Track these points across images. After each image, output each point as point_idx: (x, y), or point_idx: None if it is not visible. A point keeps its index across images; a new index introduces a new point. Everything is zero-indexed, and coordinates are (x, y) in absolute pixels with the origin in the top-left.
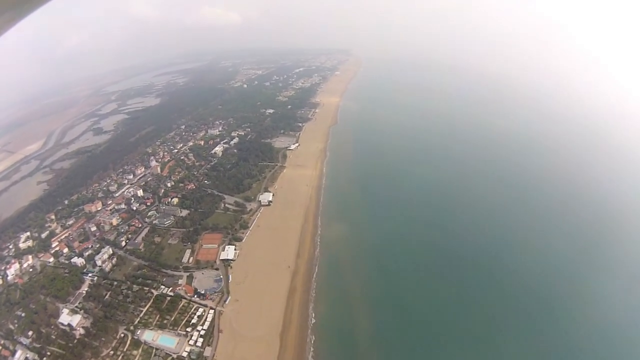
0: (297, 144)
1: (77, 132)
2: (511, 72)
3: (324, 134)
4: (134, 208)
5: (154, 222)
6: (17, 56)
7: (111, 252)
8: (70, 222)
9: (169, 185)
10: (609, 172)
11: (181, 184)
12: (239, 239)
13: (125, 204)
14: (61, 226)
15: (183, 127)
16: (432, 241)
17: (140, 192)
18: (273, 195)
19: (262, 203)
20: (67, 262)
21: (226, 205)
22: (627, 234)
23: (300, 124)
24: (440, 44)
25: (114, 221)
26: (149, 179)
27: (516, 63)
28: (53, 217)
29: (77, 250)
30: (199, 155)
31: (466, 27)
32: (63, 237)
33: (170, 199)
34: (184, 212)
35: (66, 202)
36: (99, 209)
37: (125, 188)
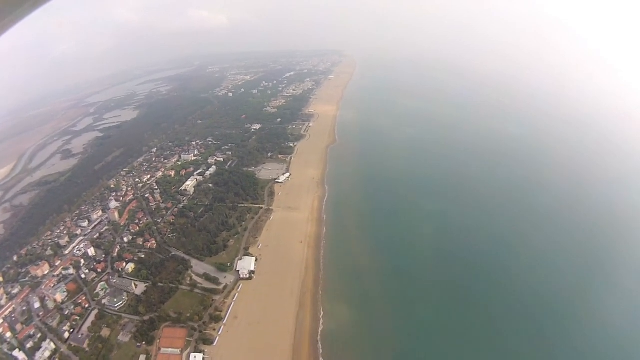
0: (287, 174)
1: (46, 154)
2: (513, 72)
3: (321, 158)
4: (83, 276)
5: (103, 301)
6: (1, 66)
7: (53, 347)
8: (16, 290)
9: (125, 240)
10: (618, 174)
11: (140, 238)
12: (209, 341)
13: (73, 268)
14: (6, 295)
15: (154, 150)
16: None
17: (91, 251)
18: (256, 260)
19: (240, 275)
20: (9, 354)
21: (193, 277)
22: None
23: (291, 144)
24: (436, 42)
25: (58, 297)
26: (104, 229)
27: (517, 62)
28: (0, 279)
29: (19, 337)
30: (167, 193)
31: (462, 25)
32: (7, 311)
33: (125, 264)
34: (140, 287)
35: (15, 257)
36: (45, 272)
37: (76, 242)
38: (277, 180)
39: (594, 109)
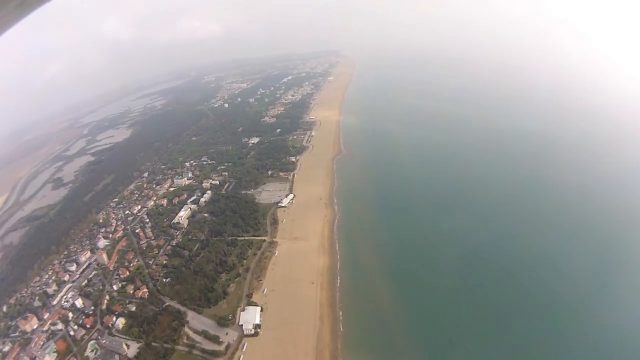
0: (291, 195)
1: (38, 183)
2: (514, 71)
3: (327, 172)
4: (72, 333)
5: None
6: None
7: None
8: (7, 348)
9: (114, 288)
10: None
11: (131, 286)
12: None
13: (62, 322)
14: None
15: (146, 175)
16: None
17: (79, 302)
18: (261, 310)
19: (244, 330)
20: None
21: (191, 335)
22: None
23: (293, 159)
24: (436, 39)
25: (48, 359)
26: (92, 274)
27: (518, 62)
28: None
29: None
30: (158, 227)
31: (463, 24)
32: None
33: (114, 319)
34: (132, 347)
35: (5, 308)
36: (34, 327)
37: (64, 290)
38: (280, 204)
39: (617, 103)
